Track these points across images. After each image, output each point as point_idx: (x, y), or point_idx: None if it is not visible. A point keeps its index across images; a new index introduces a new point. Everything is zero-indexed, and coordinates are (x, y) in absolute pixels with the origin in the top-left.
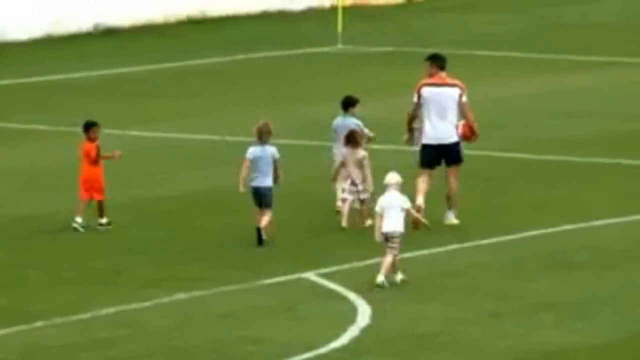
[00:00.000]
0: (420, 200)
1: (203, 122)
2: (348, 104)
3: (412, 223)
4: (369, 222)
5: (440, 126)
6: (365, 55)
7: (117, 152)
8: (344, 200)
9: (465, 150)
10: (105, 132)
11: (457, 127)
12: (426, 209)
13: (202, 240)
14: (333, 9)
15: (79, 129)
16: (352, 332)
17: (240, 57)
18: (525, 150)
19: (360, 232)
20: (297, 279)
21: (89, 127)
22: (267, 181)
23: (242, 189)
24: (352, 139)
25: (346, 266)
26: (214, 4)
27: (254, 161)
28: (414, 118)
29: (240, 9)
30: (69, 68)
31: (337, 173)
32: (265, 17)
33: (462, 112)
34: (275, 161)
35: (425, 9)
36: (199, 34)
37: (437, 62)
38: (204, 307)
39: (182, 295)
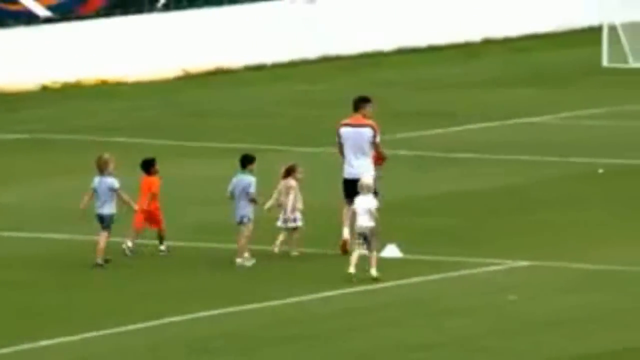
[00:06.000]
0: (345, 232)
1: None
2: (246, 161)
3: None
4: (295, 252)
5: (356, 163)
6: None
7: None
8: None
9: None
10: None
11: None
12: None
13: None
14: None
15: None
16: None
17: None
18: (171, 238)
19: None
20: None
21: (150, 163)
22: (107, 208)
23: (81, 206)
24: (287, 171)
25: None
26: None
27: (95, 190)
28: (342, 154)
29: None
30: None
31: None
32: None
33: (376, 150)
34: (114, 190)
35: (60, 96)
36: None
37: (354, 104)
38: None
39: None
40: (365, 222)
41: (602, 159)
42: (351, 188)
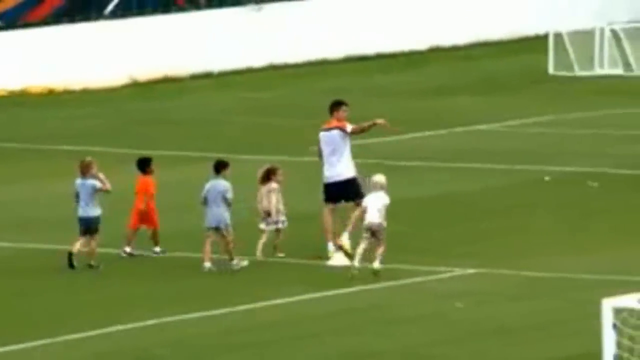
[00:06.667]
0: (344, 238)
1: None
2: (219, 167)
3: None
4: (281, 254)
5: (335, 165)
6: None
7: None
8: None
9: (55, 246)
10: None
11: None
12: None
13: None
14: None
15: None
16: None
17: None
18: (111, 245)
19: None
20: None
21: (146, 162)
22: (91, 211)
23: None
24: (268, 174)
25: None
26: None
27: (78, 193)
28: (320, 158)
29: None
30: None
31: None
32: None
33: (358, 130)
34: (95, 191)
35: (7, 104)
36: None
37: (329, 108)
38: None
39: None
40: (375, 218)
41: (549, 166)
42: (334, 191)
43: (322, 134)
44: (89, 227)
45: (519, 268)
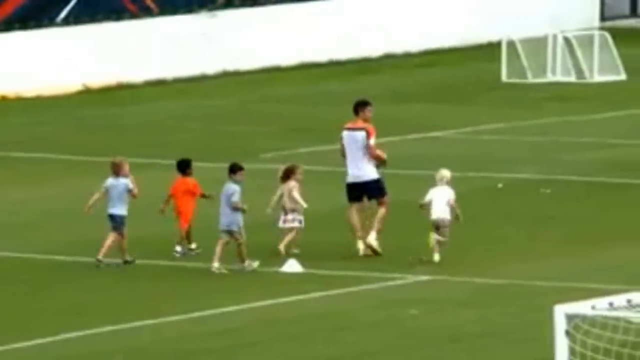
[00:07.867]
0: (370, 237)
1: None
2: (231, 170)
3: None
4: (296, 250)
5: (357, 165)
6: None
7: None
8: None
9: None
10: None
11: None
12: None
13: None
14: None
15: None
16: None
17: None
18: (64, 253)
19: None
20: None
21: (186, 164)
22: (121, 209)
23: (86, 209)
24: (286, 172)
25: None
26: None
27: (108, 190)
28: (343, 156)
29: None
30: None
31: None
32: None
33: (370, 153)
34: (129, 191)
35: None
36: None
37: (353, 108)
38: None
39: None
40: (443, 213)
41: (502, 173)
42: (356, 191)
43: (346, 133)
44: (117, 224)
45: (472, 275)
